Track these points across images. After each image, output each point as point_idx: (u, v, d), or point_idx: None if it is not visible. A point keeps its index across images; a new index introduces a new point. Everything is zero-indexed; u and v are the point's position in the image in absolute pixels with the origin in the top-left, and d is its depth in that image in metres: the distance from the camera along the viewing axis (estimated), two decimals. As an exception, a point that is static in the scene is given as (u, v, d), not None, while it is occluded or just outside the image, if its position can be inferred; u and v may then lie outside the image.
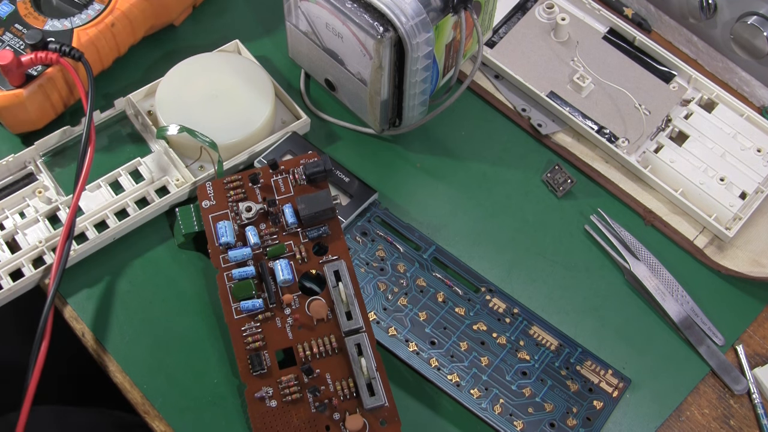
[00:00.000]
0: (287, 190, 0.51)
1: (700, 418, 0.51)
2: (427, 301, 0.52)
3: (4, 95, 0.54)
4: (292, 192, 0.51)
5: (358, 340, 0.47)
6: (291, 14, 0.57)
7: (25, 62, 0.54)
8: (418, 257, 0.54)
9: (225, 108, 0.57)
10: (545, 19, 0.64)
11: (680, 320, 0.54)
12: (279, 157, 0.56)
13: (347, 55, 0.54)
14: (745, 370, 0.53)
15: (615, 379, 0.51)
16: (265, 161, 0.56)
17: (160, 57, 0.62)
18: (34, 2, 0.57)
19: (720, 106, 0.60)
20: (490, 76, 0.62)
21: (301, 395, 0.46)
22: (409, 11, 0.50)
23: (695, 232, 0.57)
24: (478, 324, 0.52)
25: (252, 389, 0.46)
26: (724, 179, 0.57)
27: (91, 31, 0.56)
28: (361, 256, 0.53)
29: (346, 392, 0.46)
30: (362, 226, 0.55)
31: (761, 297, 0.55)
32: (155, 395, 0.50)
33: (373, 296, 0.52)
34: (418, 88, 0.54)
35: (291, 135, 0.57)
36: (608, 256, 0.56)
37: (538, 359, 0.51)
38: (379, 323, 0.51)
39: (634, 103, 0.60)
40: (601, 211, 0.57)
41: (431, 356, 0.50)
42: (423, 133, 0.60)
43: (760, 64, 0.60)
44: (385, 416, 0.46)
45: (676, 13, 0.63)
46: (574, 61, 0.62)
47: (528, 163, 0.60)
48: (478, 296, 0.53)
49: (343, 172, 0.56)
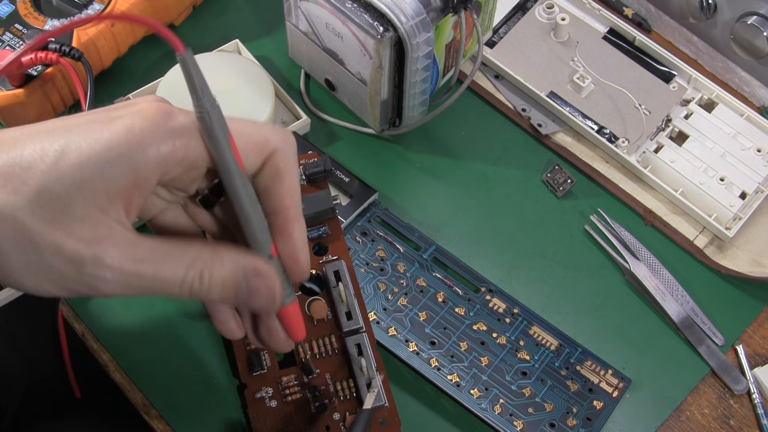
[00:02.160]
0: None
1: (700, 418, 0.51)
2: (427, 301, 0.52)
3: (4, 95, 0.54)
4: None
5: (358, 341, 0.47)
6: (291, 14, 0.57)
7: (25, 62, 0.54)
8: (418, 257, 0.54)
9: (225, 108, 0.56)
10: (545, 19, 0.64)
11: (680, 320, 0.54)
12: None
13: (347, 55, 0.54)
14: (745, 370, 0.53)
15: (615, 379, 0.51)
16: None
17: (160, 57, 0.62)
18: (34, 2, 0.57)
19: (720, 106, 0.60)
20: (490, 76, 0.62)
21: (301, 395, 0.46)
22: (409, 11, 0.50)
23: (695, 232, 0.57)
24: (478, 324, 0.52)
25: (252, 389, 0.46)
26: (724, 179, 0.57)
27: (91, 31, 0.56)
28: (361, 256, 0.53)
29: (346, 392, 0.46)
30: (362, 226, 0.55)
31: (761, 297, 0.55)
32: (155, 395, 0.50)
33: (373, 296, 0.52)
34: (418, 88, 0.54)
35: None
36: (608, 256, 0.56)
37: (538, 359, 0.51)
38: (379, 323, 0.51)
39: (634, 103, 0.60)
40: (601, 211, 0.57)
41: (431, 356, 0.50)
42: (423, 133, 0.60)
43: (760, 64, 0.60)
44: (385, 416, 0.46)
45: (676, 13, 0.63)
46: (574, 61, 0.62)
47: (528, 163, 0.60)
48: (478, 296, 0.53)
49: (343, 172, 0.56)
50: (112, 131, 0.32)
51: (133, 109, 0.33)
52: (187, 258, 0.34)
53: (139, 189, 0.33)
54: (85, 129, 0.33)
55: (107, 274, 0.33)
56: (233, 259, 0.35)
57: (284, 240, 0.37)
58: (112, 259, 0.33)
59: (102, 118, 0.33)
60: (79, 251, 0.32)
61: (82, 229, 0.32)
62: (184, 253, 0.35)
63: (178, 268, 0.34)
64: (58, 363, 0.52)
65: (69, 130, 0.33)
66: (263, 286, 0.36)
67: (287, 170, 0.36)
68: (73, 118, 0.34)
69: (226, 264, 0.35)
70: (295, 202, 0.37)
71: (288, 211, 0.37)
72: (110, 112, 0.34)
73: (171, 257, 0.34)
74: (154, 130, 0.33)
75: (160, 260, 0.34)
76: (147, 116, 0.33)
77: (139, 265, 0.33)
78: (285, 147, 0.36)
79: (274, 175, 0.36)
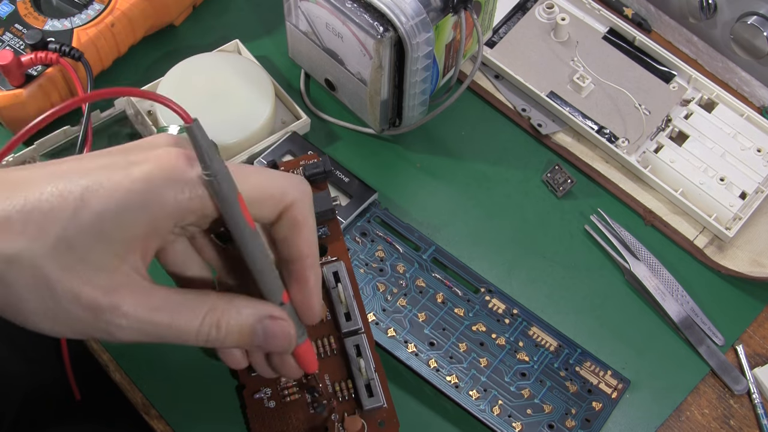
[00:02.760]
0: None
1: (700, 418, 0.51)
2: (426, 302, 0.52)
3: (4, 95, 0.54)
4: None
5: (357, 342, 0.47)
6: (291, 14, 0.57)
7: (25, 62, 0.54)
8: (417, 258, 0.54)
9: (225, 108, 0.57)
10: (545, 19, 0.64)
11: (680, 320, 0.54)
12: (279, 157, 0.56)
13: (347, 55, 0.54)
14: (745, 370, 0.53)
15: (614, 380, 0.51)
16: (265, 162, 0.56)
17: (160, 57, 0.62)
18: (34, 2, 0.57)
19: (720, 106, 0.60)
20: (490, 76, 0.62)
21: (299, 396, 0.46)
22: (409, 11, 0.50)
23: (695, 232, 0.57)
24: (477, 325, 0.52)
25: (251, 390, 0.46)
26: (724, 179, 0.57)
27: (91, 31, 0.56)
28: (360, 257, 0.53)
29: (345, 393, 0.46)
30: (362, 227, 0.55)
31: (761, 297, 0.55)
32: (155, 395, 0.50)
33: (372, 297, 0.52)
34: (418, 88, 0.54)
35: (291, 135, 0.57)
36: (608, 256, 0.56)
37: (537, 360, 0.51)
38: (378, 324, 0.51)
39: (634, 103, 0.60)
40: (601, 211, 0.57)
41: (430, 357, 0.50)
42: (423, 133, 0.60)
43: (760, 64, 0.60)
44: (384, 417, 0.46)
45: (676, 13, 0.63)
46: (574, 61, 0.62)
47: (528, 163, 0.60)
48: (477, 297, 0.53)
49: (342, 172, 0.56)
50: (130, 180, 0.33)
51: (151, 154, 0.34)
52: (204, 308, 0.35)
53: (155, 236, 0.34)
54: (103, 175, 0.33)
55: (123, 321, 0.34)
56: (249, 306, 0.36)
57: (299, 287, 0.38)
58: (128, 307, 0.34)
59: (120, 164, 0.33)
60: (97, 299, 0.33)
61: (100, 278, 0.33)
62: (200, 303, 0.36)
63: (194, 317, 0.35)
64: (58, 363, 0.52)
65: (87, 175, 0.33)
66: (279, 333, 0.37)
67: (305, 222, 0.37)
68: (90, 160, 0.34)
69: (242, 312, 0.36)
70: (313, 251, 0.38)
71: (305, 260, 0.38)
72: (127, 155, 0.34)
73: (186, 306, 0.35)
74: (171, 180, 0.33)
75: (175, 309, 0.35)
76: (164, 165, 0.33)
77: (154, 314, 0.34)
78: (302, 199, 0.37)
79: (291, 226, 0.37)
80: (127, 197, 0.33)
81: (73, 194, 0.32)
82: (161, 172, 0.33)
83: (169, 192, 0.33)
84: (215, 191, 0.34)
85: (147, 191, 0.33)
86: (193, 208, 0.34)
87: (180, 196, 0.33)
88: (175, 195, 0.33)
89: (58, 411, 0.55)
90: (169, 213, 0.33)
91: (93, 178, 0.33)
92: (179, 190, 0.33)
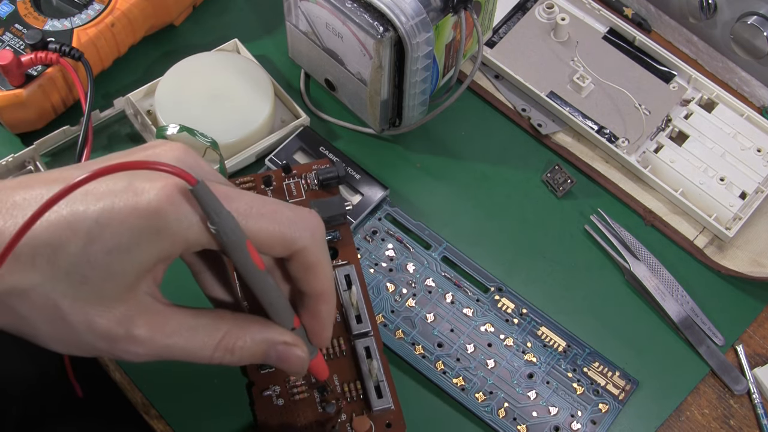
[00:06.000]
0: (299, 194, 0.51)
1: (700, 418, 0.51)
2: (435, 302, 0.52)
3: (4, 95, 0.54)
4: (304, 196, 0.51)
5: (366, 344, 0.47)
6: (291, 14, 0.57)
7: (25, 62, 0.54)
8: (427, 256, 0.54)
9: (224, 107, 0.57)
10: (545, 19, 0.64)
11: (680, 320, 0.54)
12: (291, 153, 0.56)
13: (347, 55, 0.54)
14: (745, 370, 0.53)
15: (622, 381, 0.51)
16: (277, 159, 0.56)
17: (160, 57, 0.62)
18: (34, 2, 0.57)
19: (720, 106, 0.60)
20: (490, 76, 0.62)
21: (308, 395, 0.46)
22: (409, 11, 0.50)
23: (695, 232, 0.57)
24: (486, 325, 0.52)
25: (260, 387, 0.47)
26: (724, 179, 0.57)
27: (91, 31, 0.56)
28: (370, 256, 0.53)
29: (354, 394, 0.46)
30: (372, 225, 0.55)
31: (761, 297, 0.55)
32: (155, 395, 0.50)
33: (381, 298, 0.52)
34: (418, 88, 0.54)
35: (303, 130, 0.57)
36: (608, 256, 0.56)
37: (545, 361, 0.51)
38: (386, 326, 0.51)
39: (634, 103, 0.60)
40: (601, 211, 0.57)
41: (437, 359, 0.50)
42: (423, 133, 0.60)
43: (760, 64, 0.60)
44: (391, 419, 0.46)
45: (676, 13, 0.63)
46: (574, 61, 0.62)
47: (528, 163, 0.60)
48: (486, 296, 0.53)
49: (354, 169, 0.56)
50: (139, 211, 0.32)
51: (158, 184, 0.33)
52: (218, 334, 0.36)
53: (165, 263, 0.35)
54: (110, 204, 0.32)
55: (139, 348, 0.34)
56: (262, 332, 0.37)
57: (311, 317, 0.39)
58: (144, 335, 0.34)
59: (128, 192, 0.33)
60: (112, 330, 0.33)
61: (114, 308, 0.33)
62: (215, 328, 0.36)
63: (209, 341, 0.36)
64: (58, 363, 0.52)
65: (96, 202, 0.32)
66: (293, 359, 0.38)
67: (318, 263, 0.37)
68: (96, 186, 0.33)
69: (255, 338, 0.37)
70: (327, 288, 0.38)
71: (319, 296, 0.38)
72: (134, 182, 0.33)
73: (201, 332, 0.36)
74: (181, 212, 0.33)
75: (190, 334, 0.35)
76: (174, 196, 0.33)
77: (169, 339, 0.35)
78: (312, 242, 0.36)
79: (304, 269, 0.37)
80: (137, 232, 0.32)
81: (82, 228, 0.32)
82: (170, 206, 0.32)
83: (179, 223, 0.33)
84: (223, 242, 0.34)
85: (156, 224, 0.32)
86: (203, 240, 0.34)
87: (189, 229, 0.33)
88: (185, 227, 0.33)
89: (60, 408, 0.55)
90: (179, 244, 0.33)
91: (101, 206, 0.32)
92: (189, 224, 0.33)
